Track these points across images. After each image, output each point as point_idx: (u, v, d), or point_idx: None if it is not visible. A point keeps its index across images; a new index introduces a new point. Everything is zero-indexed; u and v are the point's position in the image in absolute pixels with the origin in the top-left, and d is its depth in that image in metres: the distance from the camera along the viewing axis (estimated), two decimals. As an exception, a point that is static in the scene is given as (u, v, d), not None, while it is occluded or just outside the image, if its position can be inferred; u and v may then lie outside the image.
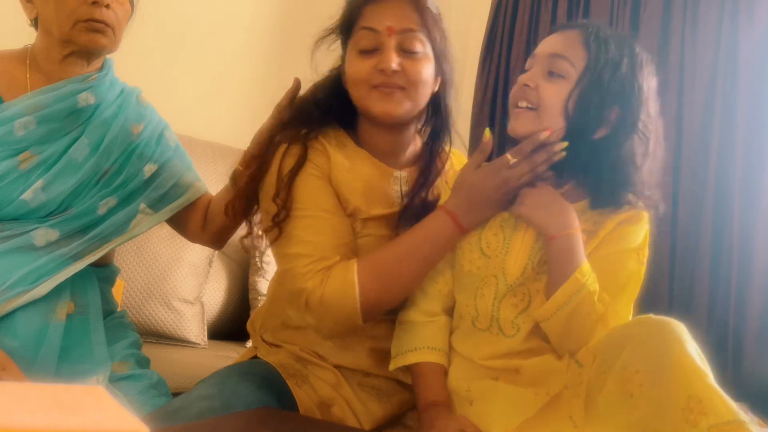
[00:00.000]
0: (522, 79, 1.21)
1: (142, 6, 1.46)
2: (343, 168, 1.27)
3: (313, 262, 1.19)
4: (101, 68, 1.43)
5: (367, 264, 1.20)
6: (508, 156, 1.18)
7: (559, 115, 1.16)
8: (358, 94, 1.28)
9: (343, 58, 1.33)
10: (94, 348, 1.31)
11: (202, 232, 1.54)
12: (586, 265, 1.11)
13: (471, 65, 3.07)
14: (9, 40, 1.41)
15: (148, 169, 1.43)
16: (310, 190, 1.24)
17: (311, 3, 2.22)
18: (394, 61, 1.24)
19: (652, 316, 1.02)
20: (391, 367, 1.25)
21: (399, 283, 1.22)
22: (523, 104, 1.19)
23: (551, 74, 1.18)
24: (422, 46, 1.26)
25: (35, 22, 1.38)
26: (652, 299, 2.35)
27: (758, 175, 2.22)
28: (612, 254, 1.16)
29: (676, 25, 2.44)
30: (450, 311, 1.27)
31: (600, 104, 1.15)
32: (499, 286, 1.17)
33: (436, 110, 1.35)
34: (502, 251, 1.19)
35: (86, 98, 1.36)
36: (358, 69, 1.26)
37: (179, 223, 1.55)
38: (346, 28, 1.31)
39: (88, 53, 1.37)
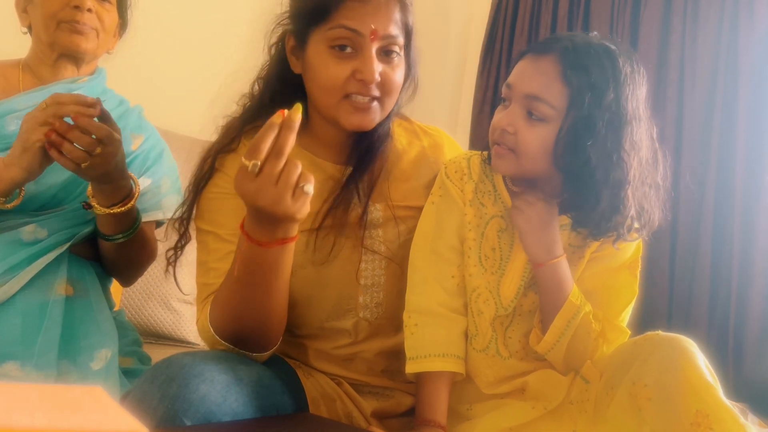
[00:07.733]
0: (501, 121, 1.11)
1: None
2: None
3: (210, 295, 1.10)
4: (93, 74, 1.47)
5: (216, 297, 1.07)
6: (244, 159, 0.91)
7: (543, 157, 1.08)
8: (326, 102, 1.13)
9: (295, 36, 1.16)
10: (101, 324, 1.32)
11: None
12: (575, 288, 1.09)
13: (471, 65, 3.07)
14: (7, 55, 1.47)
15: (141, 182, 1.42)
16: (216, 207, 1.15)
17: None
18: (378, 71, 1.10)
19: (660, 332, 1.02)
20: (408, 370, 1.14)
21: (242, 315, 1.04)
22: (504, 147, 1.11)
23: (531, 115, 1.08)
24: (399, 50, 1.14)
25: (30, 30, 1.44)
26: (653, 300, 2.35)
27: (759, 175, 2.22)
28: (602, 272, 1.14)
29: (677, 24, 2.44)
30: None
31: (589, 138, 1.06)
32: (498, 308, 1.14)
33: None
34: (498, 271, 1.15)
35: None
36: (332, 73, 1.10)
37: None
38: (319, 13, 1.12)
39: (74, 57, 1.41)
